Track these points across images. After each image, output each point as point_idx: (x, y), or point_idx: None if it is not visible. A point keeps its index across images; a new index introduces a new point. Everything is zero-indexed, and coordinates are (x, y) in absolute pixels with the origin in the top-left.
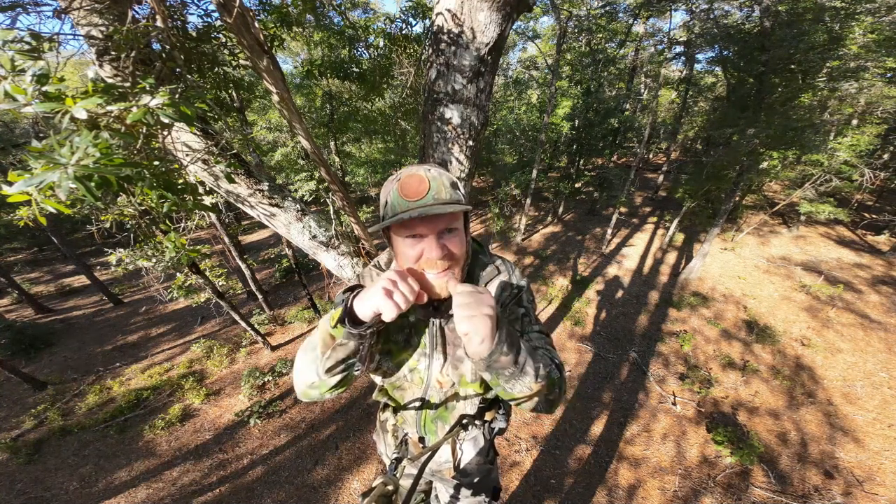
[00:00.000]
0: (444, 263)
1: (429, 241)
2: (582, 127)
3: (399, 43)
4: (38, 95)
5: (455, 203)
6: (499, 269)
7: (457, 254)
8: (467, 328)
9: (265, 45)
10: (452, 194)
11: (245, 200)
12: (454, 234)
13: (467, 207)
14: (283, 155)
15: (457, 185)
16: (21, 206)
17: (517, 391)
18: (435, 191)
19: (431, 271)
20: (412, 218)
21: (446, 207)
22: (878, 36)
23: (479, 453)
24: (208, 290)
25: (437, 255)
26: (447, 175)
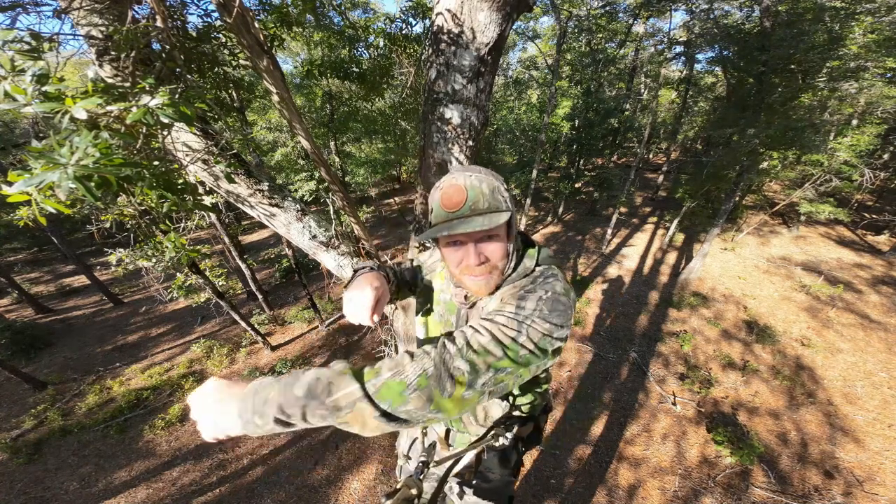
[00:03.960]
0: (484, 269)
1: (467, 249)
2: (582, 127)
3: (399, 43)
4: (38, 95)
5: (493, 212)
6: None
7: (494, 260)
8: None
9: (265, 45)
10: (492, 202)
11: (245, 200)
12: (493, 241)
13: (500, 220)
14: (283, 155)
15: (498, 191)
16: (21, 206)
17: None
18: (472, 200)
19: (470, 275)
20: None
21: (474, 224)
22: (878, 36)
23: (503, 463)
24: (208, 290)
25: (474, 262)
26: (489, 181)
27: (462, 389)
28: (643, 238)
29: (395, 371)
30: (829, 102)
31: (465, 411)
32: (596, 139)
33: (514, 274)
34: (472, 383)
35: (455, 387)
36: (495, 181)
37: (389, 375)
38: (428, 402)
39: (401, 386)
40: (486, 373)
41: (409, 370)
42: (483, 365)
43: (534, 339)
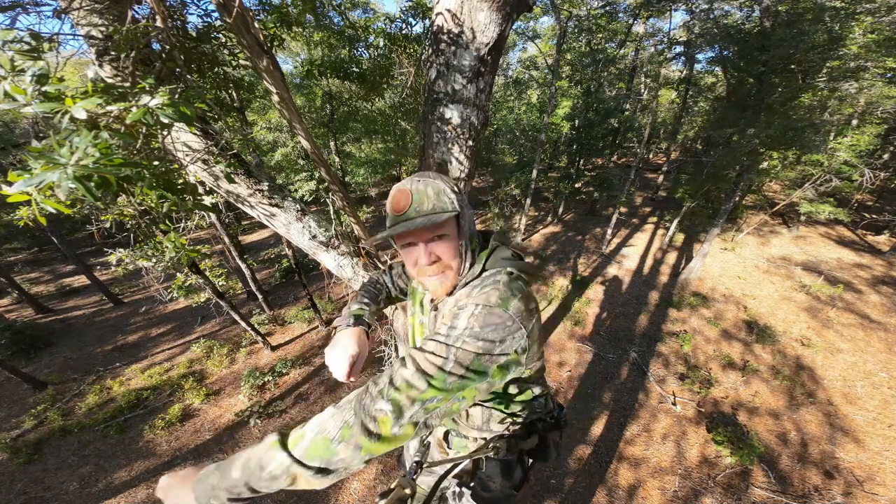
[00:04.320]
0: (437, 268)
1: (418, 250)
2: (582, 127)
3: (399, 43)
4: (37, 95)
5: (438, 213)
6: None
7: (445, 259)
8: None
9: (265, 45)
10: (437, 203)
11: (245, 200)
12: (443, 241)
13: (440, 219)
14: (283, 155)
15: (444, 193)
16: (21, 206)
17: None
18: (417, 203)
19: (427, 275)
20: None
21: (415, 223)
22: (878, 36)
23: (505, 475)
24: (208, 290)
25: (425, 262)
26: (435, 184)
27: (388, 428)
28: (643, 238)
29: (318, 430)
30: (829, 102)
31: (404, 443)
32: (596, 139)
33: (468, 274)
34: (397, 420)
35: (380, 427)
36: (442, 184)
37: (313, 435)
38: (357, 449)
39: (325, 442)
40: (411, 407)
41: (330, 425)
42: (407, 400)
43: (464, 363)
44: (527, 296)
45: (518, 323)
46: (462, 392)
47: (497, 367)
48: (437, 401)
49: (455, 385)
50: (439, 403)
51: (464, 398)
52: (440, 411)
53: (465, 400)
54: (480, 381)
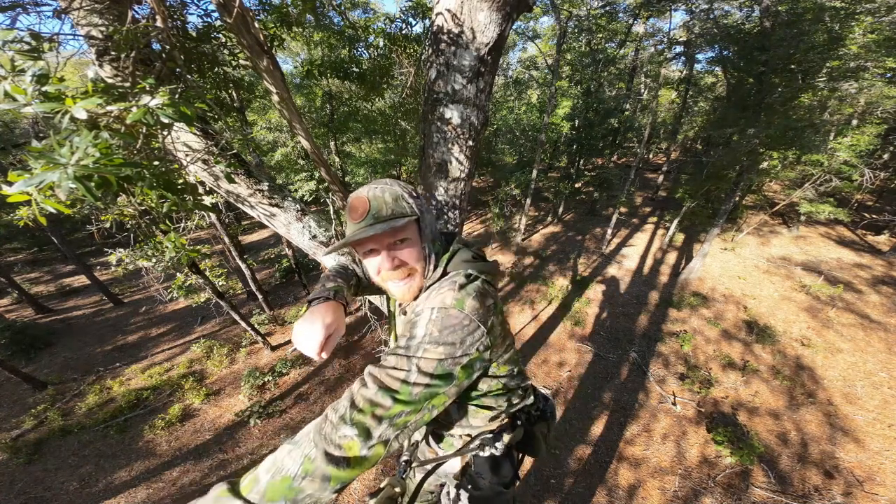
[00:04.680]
0: (401, 273)
1: (381, 256)
2: (582, 127)
3: (399, 43)
4: (38, 95)
5: (397, 217)
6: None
7: (411, 263)
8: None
9: (265, 45)
10: (395, 209)
11: (245, 200)
12: (405, 245)
13: (398, 223)
14: (283, 155)
15: (402, 198)
16: (21, 206)
17: None
18: (375, 210)
19: (392, 281)
20: (349, 241)
21: (375, 228)
22: (878, 36)
23: (493, 471)
24: (208, 290)
25: (388, 267)
26: (392, 190)
27: (357, 451)
28: (643, 238)
29: (274, 470)
30: (829, 102)
31: (378, 461)
32: (596, 139)
33: (432, 277)
34: (366, 442)
35: (347, 452)
36: (400, 190)
37: (269, 478)
38: (325, 481)
39: (286, 481)
40: (378, 426)
41: (288, 463)
42: (373, 420)
43: (428, 371)
44: (483, 294)
45: (476, 321)
46: (431, 401)
47: (461, 368)
48: (406, 414)
49: (422, 395)
50: (408, 417)
51: (433, 406)
52: (411, 425)
53: (436, 408)
54: (447, 385)
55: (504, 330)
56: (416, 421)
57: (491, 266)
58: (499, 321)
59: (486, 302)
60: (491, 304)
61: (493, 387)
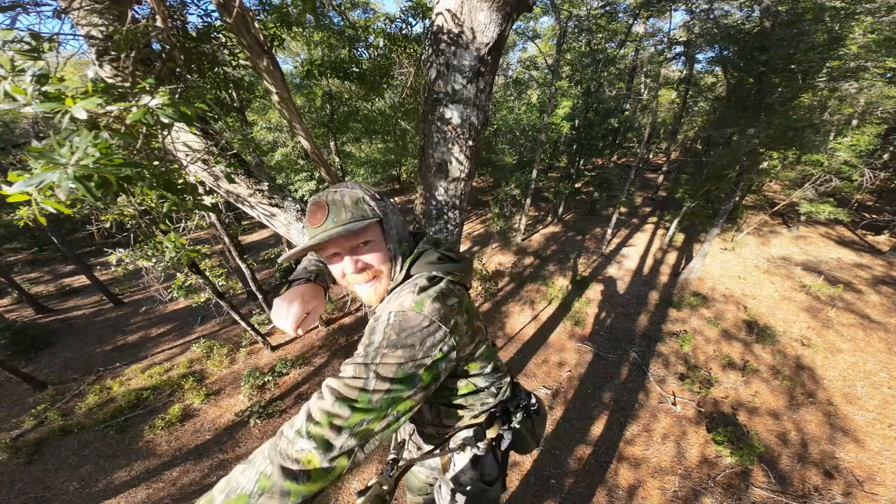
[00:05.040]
0: (365, 276)
1: (345, 260)
2: (582, 127)
3: (399, 43)
4: (38, 95)
5: (357, 220)
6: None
7: (376, 265)
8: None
9: (265, 45)
10: (356, 212)
11: (245, 200)
12: (369, 247)
13: (356, 227)
14: (283, 155)
15: (363, 201)
16: (21, 206)
17: None
18: (335, 213)
19: (357, 284)
20: (310, 245)
21: (335, 231)
22: (878, 36)
23: (475, 469)
24: (208, 290)
25: (351, 270)
26: (352, 193)
27: (317, 464)
28: (643, 238)
29: (228, 490)
30: (829, 102)
31: (339, 475)
32: (596, 139)
33: (397, 279)
34: (326, 454)
35: (307, 465)
36: (360, 193)
37: (223, 497)
38: (285, 496)
39: (242, 499)
40: (338, 437)
41: (243, 482)
42: (331, 432)
43: (388, 376)
44: (445, 294)
45: (437, 322)
46: (396, 407)
47: (425, 370)
48: (368, 423)
49: (383, 401)
50: (371, 425)
51: (399, 412)
52: (377, 433)
53: (403, 414)
54: (410, 389)
55: (472, 329)
56: (383, 428)
57: (458, 266)
58: (464, 320)
59: (449, 302)
60: (455, 304)
61: (464, 386)
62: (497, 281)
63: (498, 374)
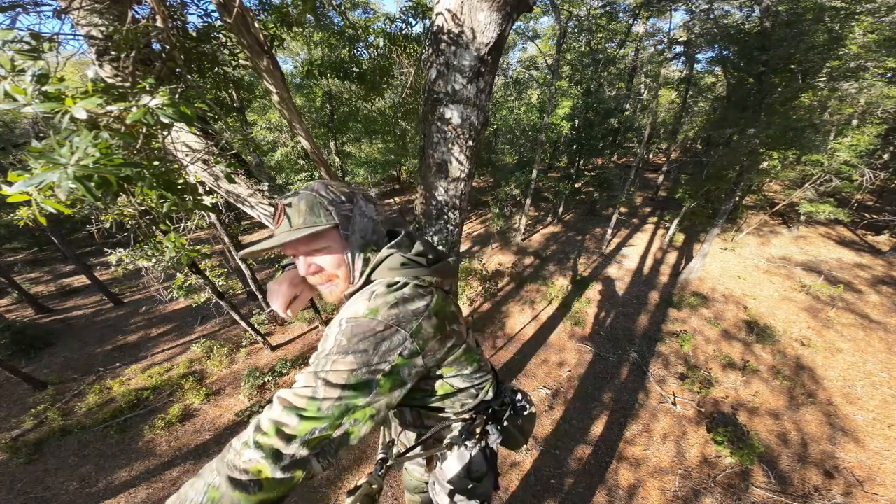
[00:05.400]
0: (321, 278)
1: (300, 261)
2: (582, 127)
3: (399, 43)
4: (38, 95)
5: (308, 227)
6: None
7: (329, 269)
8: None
9: (265, 45)
10: (307, 218)
11: (245, 200)
12: (323, 252)
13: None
14: (283, 155)
15: (319, 206)
16: (21, 206)
17: None
18: (290, 217)
19: (317, 284)
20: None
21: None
22: (878, 36)
23: (463, 467)
24: (208, 290)
25: (303, 272)
26: (309, 197)
27: (268, 474)
28: (643, 238)
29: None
30: (829, 102)
31: (294, 485)
32: (596, 139)
33: (358, 284)
34: (276, 464)
35: (256, 476)
36: (320, 197)
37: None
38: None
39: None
40: (289, 446)
41: (191, 494)
42: (280, 441)
43: (338, 383)
44: (406, 299)
45: (394, 327)
46: (353, 415)
47: (384, 377)
48: (320, 431)
49: (336, 409)
50: (324, 434)
51: (358, 420)
52: (334, 443)
53: (362, 422)
54: (366, 396)
55: (444, 333)
56: (341, 437)
57: (426, 270)
58: (433, 324)
59: (412, 306)
60: (420, 308)
61: (440, 387)
62: (497, 281)
63: (479, 375)
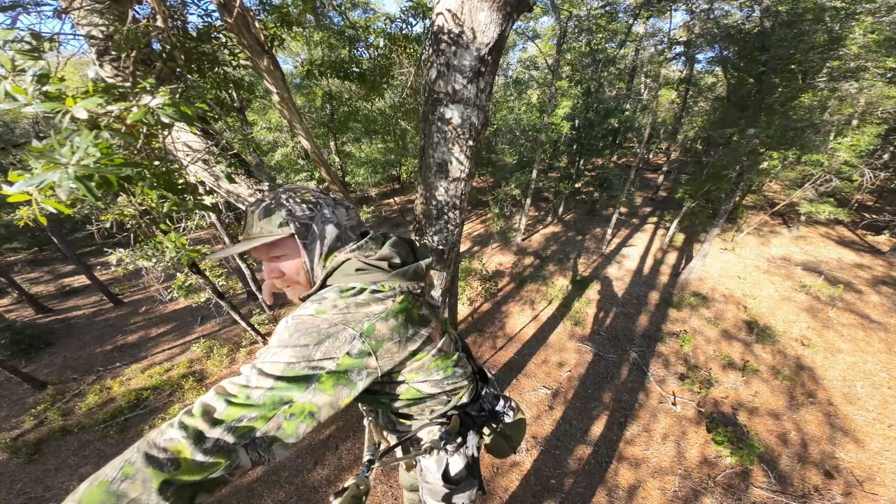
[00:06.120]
0: (283, 283)
1: (263, 266)
2: (582, 127)
3: (399, 43)
4: (38, 95)
5: (262, 237)
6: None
7: (289, 274)
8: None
9: (265, 45)
10: (265, 228)
11: (245, 200)
12: (282, 258)
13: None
14: (283, 155)
15: (276, 215)
16: (21, 206)
17: None
18: (250, 225)
19: (283, 288)
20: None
21: (238, 246)
22: (878, 36)
23: (440, 470)
24: (208, 290)
25: (266, 277)
26: (268, 206)
27: (188, 454)
28: (643, 238)
29: (93, 479)
30: (830, 102)
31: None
32: (596, 139)
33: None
34: (197, 446)
35: (174, 454)
36: (278, 204)
37: (87, 485)
38: (147, 482)
39: (103, 486)
40: (213, 429)
41: (108, 470)
42: (204, 423)
43: (272, 373)
44: (358, 304)
45: (340, 325)
46: (289, 409)
47: (327, 374)
48: (249, 420)
49: (267, 399)
50: (254, 423)
51: (293, 415)
52: (266, 434)
53: (299, 418)
54: (302, 391)
55: (406, 336)
56: (272, 430)
57: (389, 275)
58: (389, 326)
59: (364, 309)
60: (375, 311)
61: (405, 392)
62: (497, 281)
63: (452, 381)
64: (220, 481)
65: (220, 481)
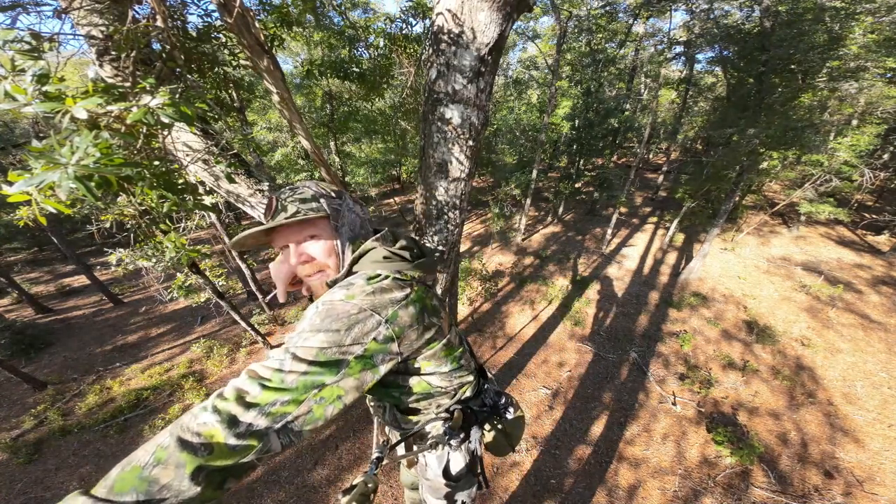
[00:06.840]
0: (311, 268)
1: (290, 249)
2: (582, 127)
3: (399, 43)
4: (38, 95)
5: (304, 215)
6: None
7: (319, 258)
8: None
9: (265, 45)
10: (302, 207)
11: (245, 200)
12: (315, 241)
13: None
14: (283, 155)
15: (312, 199)
16: (21, 206)
17: None
18: (282, 208)
19: (305, 276)
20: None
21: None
22: (878, 36)
23: (440, 467)
24: (208, 290)
25: (296, 262)
26: (305, 191)
27: (221, 439)
28: (643, 238)
29: (124, 464)
30: (829, 102)
31: (249, 457)
32: (596, 139)
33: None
34: (231, 429)
35: (208, 439)
36: (311, 191)
37: (119, 471)
38: (181, 468)
39: (135, 471)
40: (246, 413)
41: (140, 454)
42: (238, 407)
43: (305, 358)
44: (385, 289)
45: (368, 311)
46: (319, 392)
47: (355, 359)
48: (282, 404)
49: (300, 383)
50: (286, 408)
51: (324, 399)
52: (298, 418)
53: (328, 402)
54: (334, 375)
55: (424, 323)
56: (305, 413)
57: (409, 265)
58: (410, 313)
59: (389, 295)
60: (399, 298)
61: (417, 385)
62: (497, 281)
63: (458, 375)
64: (249, 466)
65: (250, 466)
